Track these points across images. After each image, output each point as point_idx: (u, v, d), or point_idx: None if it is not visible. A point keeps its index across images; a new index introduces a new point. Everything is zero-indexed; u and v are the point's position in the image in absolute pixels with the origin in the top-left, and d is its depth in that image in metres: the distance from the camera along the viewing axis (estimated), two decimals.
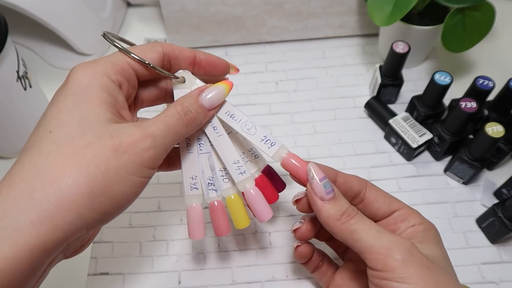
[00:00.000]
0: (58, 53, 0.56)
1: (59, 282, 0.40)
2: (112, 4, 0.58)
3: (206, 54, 0.31)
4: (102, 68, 0.26)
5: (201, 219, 0.32)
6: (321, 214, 0.28)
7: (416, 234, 0.29)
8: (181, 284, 0.39)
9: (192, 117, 0.28)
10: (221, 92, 0.29)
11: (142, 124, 0.25)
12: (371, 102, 0.49)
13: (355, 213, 0.28)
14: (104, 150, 0.23)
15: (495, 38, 0.57)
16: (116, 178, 0.23)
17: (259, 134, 0.30)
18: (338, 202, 0.28)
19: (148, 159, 0.25)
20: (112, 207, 0.24)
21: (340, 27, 0.57)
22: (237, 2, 0.53)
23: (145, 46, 0.28)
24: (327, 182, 0.28)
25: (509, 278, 0.38)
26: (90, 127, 0.24)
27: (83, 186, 0.22)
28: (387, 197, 0.31)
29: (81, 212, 0.22)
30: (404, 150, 0.45)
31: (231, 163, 0.31)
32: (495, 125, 0.38)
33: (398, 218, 0.30)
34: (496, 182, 0.44)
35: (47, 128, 0.24)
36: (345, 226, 0.27)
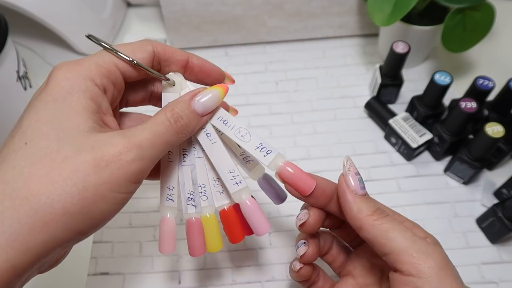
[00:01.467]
0: (58, 53, 0.56)
1: (59, 282, 0.40)
2: (112, 4, 0.58)
3: (201, 59, 0.29)
4: (86, 71, 0.24)
5: (172, 233, 0.30)
6: (353, 209, 0.26)
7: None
8: (181, 284, 0.39)
9: (183, 124, 0.25)
10: (216, 96, 0.27)
11: (127, 133, 0.23)
12: (371, 102, 0.49)
13: (388, 213, 0.26)
14: (83, 165, 0.21)
15: (495, 38, 0.57)
16: (95, 196, 0.21)
17: (254, 141, 0.28)
18: (370, 199, 0.26)
19: (133, 172, 0.22)
20: (89, 226, 0.22)
21: (340, 27, 0.57)
22: (237, 2, 0.53)
23: (134, 44, 0.26)
24: (360, 178, 0.27)
25: (509, 278, 0.38)
26: (69, 139, 0.22)
27: (57, 206, 0.20)
28: None
29: (54, 233, 0.21)
30: (404, 150, 0.45)
31: (226, 172, 0.28)
32: (495, 125, 0.38)
33: None
34: (496, 182, 0.44)
35: (23, 139, 0.22)
36: (378, 223, 0.25)
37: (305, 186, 0.27)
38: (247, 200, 0.29)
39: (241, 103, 0.52)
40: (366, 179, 0.45)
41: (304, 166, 0.36)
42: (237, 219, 0.30)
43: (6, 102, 0.42)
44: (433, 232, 0.41)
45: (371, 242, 0.26)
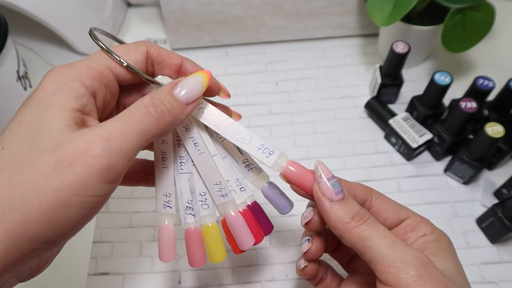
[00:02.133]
0: (58, 53, 0.56)
1: (59, 282, 0.40)
2: (112, 4, 0.58)
3: (195, 66, 0.27)
4: (75, 73, 0.22)
5: (172, 240, 0.28)
6: (330, 216, 0.25)
7: (427, 245, 0.26)
8: (181, 284, 0.39)
9: (164, 110, 0.23)
10: (199, 82, 0.25)
11: (97, 127, 0.21)
12: (371, 102, 0.49)
13: (367, 217, 0.25)
14: (44, 167, 0.19)
15: (495, 38, 0.57)
16: (56, 201, 0.19)
17: (255, 143, 0.27)
18: (348, 203, 0.25)
19: (100, 170, 0.20)
20: (54, 235, 0.20)
21: (340, 27, 0.57)
22: (237, 2, 0.53)
23: (129, 45, 0.25)
24: (336, 181, 0.26)
25: (509, 278, 0.38)
26: (40, 140, 0.20)
27: (15, 214, 0.19)
28: (395, 206, 0.28)
29: (15, 243, 0.19)
30: (404, 150, 0.45)
31: (213, 183, 0.28)
32: (495, 125, 0.38)
33: (408, 227, 0.27)
34: (496, 182, 0.44)
35: (1, 144, 0.21)
36: (356, 231, 0.24)
37: (311, 184, 0.27)
38: (231, 212, 0.28)
39: (241, 103, 0.52)
40: (366, 179, 0.45)
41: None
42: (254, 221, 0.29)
43: (6, 102, 0.42)
44: None
45: (353, 250, 0.25)
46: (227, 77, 0.55)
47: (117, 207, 0.44)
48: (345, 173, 0.45)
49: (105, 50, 0.24)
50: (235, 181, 0.29)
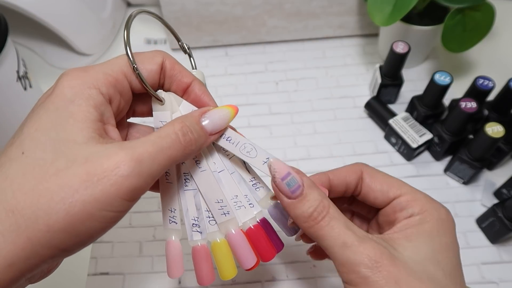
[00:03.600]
0: (58, 53, 0.56)
1: (59, 282, 0.40)
2: (112, 4, 0.58)
3: (202, 89, 0.27)
4: (92, 79, 0.23)
5: (179, 255, 0.28)
6: (290, 213, 0.25)
7: (408, 227, 0.25)
8: (181, 284, 0.39)
9: (192, 139, 0.24)
10: (226, 116, 0.26)
11: (127, 145, 0.21)
12: (371, 102, 0.49)
13: (325, 213, 0.24)
14: (73, 179, 0.20)
15: (495, 38, 0.57)
16: (82, 214, 0.20)
17: (261, 157, 0.27)
18: (306, 200, 0.24)
19: (128, 189, 0.20)
20: (74, 244, 0.21)
21: (340, 27, 0.57)
22: (237, 2, 0.53)
23: (146, 54, 0.25)
24: (291, 178, 0.25)
25: (509, 278, 0.38)
26: (64, 150, 0.20)
27: (41, 222, 0.19)
28: (384, 183, 0.27)
29: (36, 250, 0.20)
30: (404, 150, 0.45)
31: (214, 202, 0.27)
32: (495, 125, 0.38)
33: (397, 206, 0.26)
34: (496, 182, 0.44)
35: (21, 148, 0.21)
36: (313, 230, 0.24)
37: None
38: (233, 230, 0.28)
39: (241, 103, 0.52)
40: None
41: (304, 166, 0.36)
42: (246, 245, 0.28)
43: (6, 102, 0.42)
44: None
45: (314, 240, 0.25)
46: (227, 77, 0.55)
47: None
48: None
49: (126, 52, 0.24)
50: (244, 196, 0.29)
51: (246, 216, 0.28)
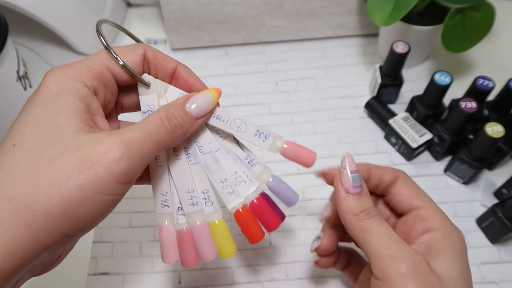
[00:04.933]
0: (58, 53, 0.56)
1: (59, 282, 0.40)
2: (112, 4, 0.58)
3: (188, 72, 0.28)
4: (75, 73, 0.23)
5: (173, 239, 0.29)
6: (341, 206, 0.26)
7: (433, 243, 0.26)
8: (181, 284, 0.39)
9: (177, 124, 0.25)
10: (209, 99, 0.27)
11: (116, 131, 0.22)
12: (371, 102, 0.49)
13: (375, 214, 0.26)
14: (66, 165, 0.20)
15: (495, 38, 0.57)
16: (78, 198, 0.20)
17: (251, 130, 0.28)
18: (362, 198, 0.26)
19: (120, 172, 0.21)
20: (74, 229, 0.21)
21: (340, 27, 0.57)
22: (237, 2, 0.53)
23: (127, 47, 0.26)
24: (357, 176, 0.27)
25: (509, 278, 0.38)
26: (56, 140, 0.21)
27: (39, 208, 0.20)
28: (412, 192, 0.29)
29: (37, 236, 0.20)
30: (404, 150, 0.45)
31: (184, 191, 0.28)
32: (495, 125, 0.38)
33: (418, 216, 0.28)
34: (496, 182, 0.44)
35: (12, 141, 0.22)
36: (360, 224, 0.25)
37: (308, 159, 0.29)
38: (198, 222, 0.28)
39: (241, 103, 0.52)
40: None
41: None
42: (253, 218, 0.29)
43: (6, 102, 0.42)
44: None
45: (355, 242, 0.26)
46: (227, 77, 0.55)
47: (117, 207, 0.43)
48: None
49: (105, 47, 0.25)
50: (242, 172, 0.29)
51: (247, 190, 0.29)
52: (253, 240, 0.29)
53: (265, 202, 0.29)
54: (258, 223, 0.29)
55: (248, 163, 0.30)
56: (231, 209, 0.29)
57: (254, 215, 0.29)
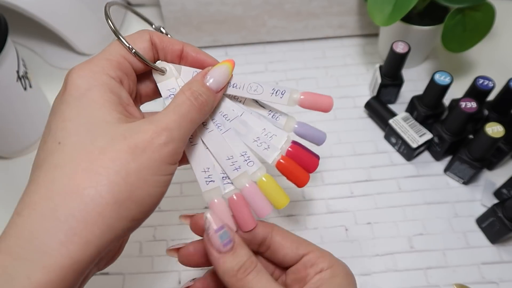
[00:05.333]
0: (58, 53, 0.56)
1: None
2: None
3: (196, 50, 0.29)
4: (99, 67, 0.24)
5: (228, 211, 0.29)
6: (218, 269, 0.26)
7: (321, 283, 0.26)
8: (181, 284, 0.39)
9: (203, 101, 0.26)
10: (225, 71, 0.27)
11: (153, 119, 0.24)
12: (371, 102, 0.49)
13: (252, 267, 0.25)
14: (120, 153, 0.22)
15: (495, 38, 0.57)
16: (139, 181, 0.22)
17: (267, 90, 0.29)
18: (236, 254, 0.26)
19: (168, 154, 0.23)
20: (140, 212, 0.23)
21: (340, 27, 0.57)
22: (237, 2, 0.53)
23: (134, 35, 0.27)
24: (224, 232, 0.26)
25: (509, 278, 0.38)
26: (99, 131, 0.22)
27: (107, 196, 0.21)
28: (294, 242, 0.29)
29: (109, 223, 0.21)
30: (404, 150, 0.45)
31: (225, 159, 0.29)
32: (495, 125, 0.38)
33: (307, 263, 0.28)
34: (496, 182, 0.44)
35: (55, 139, 0.22)
36: (240, 284, 0.25)
37: (326, 105, 0.30)
38: (246, 184, 0.29)
39: None
40: (366, 179, 0.45)
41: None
42: (295, 164, 0.30)
43: (6, 102, 0.42)
44: (433, 232, 0.42)
45: None
46: None
47: None
48: (345, 173, 0.46)
49: (115, 33, 0.25)
50: (270, 126, 0.31)
51: (280, 141, 0.30)
52: (301, 183, 0.30)
53: (300, 147, 0.31)
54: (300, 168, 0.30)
55: (272, 117, 0.31)
56: (272, 162, 0.30)
57: (294, 161, 0.30)
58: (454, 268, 0.39)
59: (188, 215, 0.29)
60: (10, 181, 0.47)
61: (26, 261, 0.20)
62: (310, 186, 0.45)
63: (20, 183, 0.46)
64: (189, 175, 0.46)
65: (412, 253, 0.40)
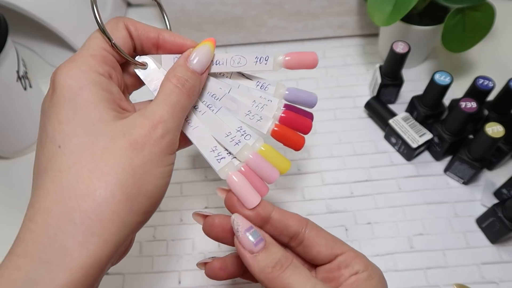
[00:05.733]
0: (58, 53, 0.56)
1: None
2: (112, 4, 0.58)
3: (172, 34, 0.28)
4: (86, 65, 0.24)
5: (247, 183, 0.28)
6: (253, 269, 0.25)
7: (358, 284, 0.26)
8: (181, 284, 0.39)
9: (191, 86, 0.26)
10: (208, 51, 0.27)
11: (146, 112, 0.24)
12: (371, 102, 0.49)
13: (288, 263, 0.25)
14: (123, 151, 0.22)
15: (495, 38, 0.57)
16: (145, 175, 0.22)
17: (250, 59, 0.29)
18: (269, 251, 0.25)
19: (166, 145, 0.24)
20: (150, 204, 0.23)
21: (340, 27, 0.57)
22: (237, 2, 0.53)
23: (109, 24, 0.26)
24: (254, 231, 0.26)
25: (509, 278, 0.38)
26: (98, 130, 0.22)
27: (118, 194, 0.21)
28: (329, 240, 0.28)
29: (124, 219, 0.22)
30: (404, 150, 0.45)
31: (224, 137, 0.29)
32: (495, 125, 0.38)
33: (342, 263, 0.27)
34: (496, 182, 0.44)
35: (54, 143, 0.22)
36: (279, 280, 0.24)
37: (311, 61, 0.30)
38: (250, 155, 0.29)
39: None
40: (366, 179, 0.45)
41: (304, 166, 0.36)
42: (289, 129, 0.31)
43: (6, 102, 0.42)
44: (433, 232, 0.42)
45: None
46: None
47: None
48: (345, 173, 0.46)
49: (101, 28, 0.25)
50: (259, 97, 0.31)
51: (272, 110, 0.30)
52: (297, 146, 0.31)
53: (291, 112, 0.31)
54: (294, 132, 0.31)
55: (261, 88, 0.31)
56: (267, 132, 0.30)
57: (288, 127, 0.31)
58: (454, 268, 0.39)
59: (202, 214, 0.29)
60: (10, 181, 0.47)
61: (48, 265, 0.20)
62: (310, 186, 0.45)
63: (20, 183, 0.46)
64: (189, 175, 0.46)
65: (412, 253, 0.40)
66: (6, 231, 0.29)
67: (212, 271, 0.30)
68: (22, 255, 0.20)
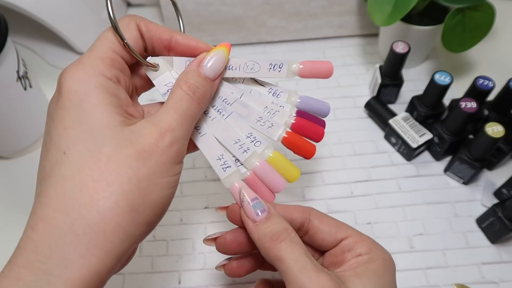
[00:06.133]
0: (58, 53, 0.56)
1: None
2: None
3: (185, 36, 0.27)
4: (93, 69, 0.23)
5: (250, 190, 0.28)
6: (253, 237, 0.25)
7: (357, 265, 0.26)
8: (181, 284, 0.39)
9: (202, 94, 0.25)
10: (222, 57, 0.26)
11: (154, 119, 0.23)
12: (371, 102, 0.49)
13: (285, 236, 0.25)
14: (129, 160, 0.21)
15: (495, 38, 0.57)
16: (151, 185, 0.22)
17: (264, 66, 0.29)
18: (270, 221, 0.25)
19: (174, 155, 0.23)
20: (155, 214, 0.23)
21: (340, 27, 0.57)
22: (237, 2, 0.53)
23: (120, 24, 0.25)
24: (258, 202, 0.26)
25: (509, 278, 0.38)
26: (104, 137, 0.21)
27: (122, 205, 0.21)
28: (333, 226, 0.28)
29: (127, 231, 0.21)
30: (404, 150, 0.45)
31: (232, 144, 0.29)
32: (495, 125, 0.38)
33: (345, 247, 0.27)
34: (496, 182, 0.44)
35: (59, 149, 0.21)
36: (274, 251, 0.24)
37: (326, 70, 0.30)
38: (257, 163, 0.29)
39: None
40: (366, 179, 0.45)
41: (304, 167, 0.36)
42: (300, 137, 0.30)
43: (6, 102, 0.42)
44: (433, 232, 0.42)
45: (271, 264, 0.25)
46: None
47: None
48: (345, 173, 0.46)
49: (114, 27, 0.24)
50: (272, 103, 0.30)
51: (283, 117, 0.30)
52: (308, 155, 0.30)
53: (303, 119, 0.30)
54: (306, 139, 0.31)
55: (273, 95, 0.31)
56: (277, 139, 0.30)
57: (299, 134, 0.30)
58: (454, 268, 0.39)
59: (224, 206, 0.29)
60: (10, 181, 0.47)
61: (48, 276, 0.20)
62: (310, 186, 0.45)
63: (20, 183, 0.46)
64: (189, 175, 0.46)
65: (412, 253, 0.40)
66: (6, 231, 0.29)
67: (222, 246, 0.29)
68: (22, 265, 0.20)
